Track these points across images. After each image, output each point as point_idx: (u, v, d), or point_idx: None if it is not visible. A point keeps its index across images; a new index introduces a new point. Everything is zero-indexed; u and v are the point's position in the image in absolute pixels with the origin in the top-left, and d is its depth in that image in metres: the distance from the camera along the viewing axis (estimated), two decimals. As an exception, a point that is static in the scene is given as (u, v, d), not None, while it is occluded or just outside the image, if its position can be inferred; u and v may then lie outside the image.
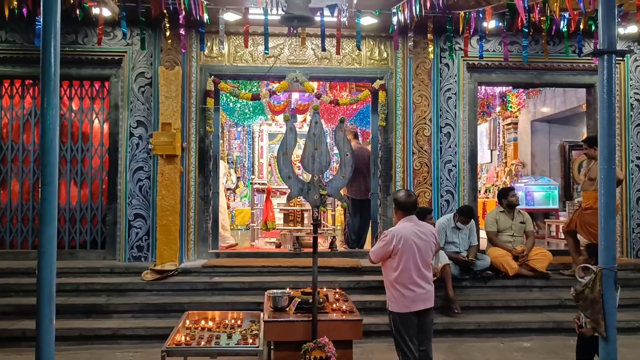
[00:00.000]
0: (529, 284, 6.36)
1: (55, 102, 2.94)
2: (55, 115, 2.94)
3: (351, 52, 7.23)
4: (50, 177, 2.97)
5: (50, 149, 2.95)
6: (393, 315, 3.76)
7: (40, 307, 2.94)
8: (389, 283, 3.78)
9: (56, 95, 2.93)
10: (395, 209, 3.81)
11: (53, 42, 2.80)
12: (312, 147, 3.43)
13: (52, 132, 2.94)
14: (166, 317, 5.73)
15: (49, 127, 2.94)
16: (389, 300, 3.80)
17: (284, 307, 3.73)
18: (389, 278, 3.76)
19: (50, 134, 2.94)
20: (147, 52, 6.85)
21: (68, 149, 7.14)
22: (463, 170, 7.15)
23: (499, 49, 7.19)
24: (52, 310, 2.93)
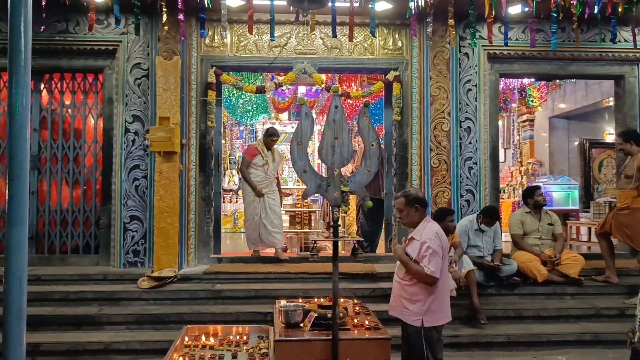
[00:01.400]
0: (559, 291, 5.84)
1: (26, 81, 2.45)
2: (25, 96, 2.44)
3: (363, 41, 6.73)
4: (19, 170, 2.46)
5: (19, 136, 2.45)
6: (429, 332, 3.34)
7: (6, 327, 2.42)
8: (430, 292, 3.37)
9: (27, 72, 2.45)
10: (417, 208, 3.46)
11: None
12: (332, 136, 2.91)
13: (21, 116, 2.45)
14: (164, 328, 5.22)
15: (18, 111, 2.45)
16: (426, 315, 3.36)
17: (298, 322, 3.21)
18: (431, 288, 3.39)
19: (19, 119, 2.44)
20: (143, 42, 6.35)
21: (59, 147, 6.64)
22: (484, 168, 6.63)
23: (522, 38, 6.68)
24: (22, 330, 2.42)
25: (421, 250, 3.32)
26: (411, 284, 3.39)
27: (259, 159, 6.67)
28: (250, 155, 6.72)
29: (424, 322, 3.35)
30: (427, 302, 3.36)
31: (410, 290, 3.40)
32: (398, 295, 3.49)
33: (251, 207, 6.63)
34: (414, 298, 3.38)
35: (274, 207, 6.67)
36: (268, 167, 6.67)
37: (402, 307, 3.43)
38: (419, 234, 3.43)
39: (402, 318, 3.44)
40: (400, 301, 3.45)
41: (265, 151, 6.72)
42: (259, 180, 6.61)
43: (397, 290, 3.51)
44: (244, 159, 6.77)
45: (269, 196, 6.64)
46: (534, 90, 9.24)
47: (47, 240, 6.57)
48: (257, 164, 6.66)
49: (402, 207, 3.46)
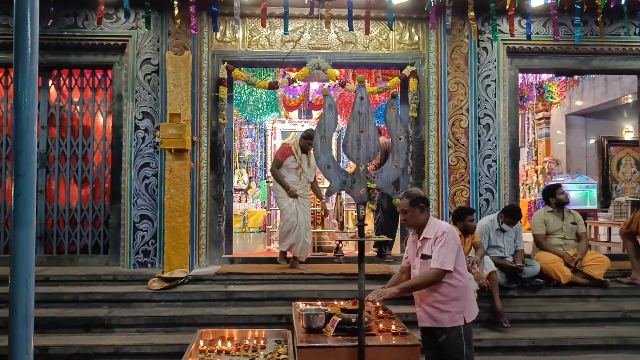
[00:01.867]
0: (584, 293, 5.63)
1: (33, 70, 2.29)
2: (32, 86, 2.29)
3: (378, 35, 6.54)
4: (25, 166, 2.31)
5: (26, 128, 2.29)
6: (466, 329, 3.24)
7: (13, 333, 2.26)
8: (460, 289, 3.26)
9: (34, 61, 2.28)
10: (422, 208, 3.32)
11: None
12: (357, 129, 2.73)
13: (28, 108, 2.29)
14: (175, 331, 5.06)
15: (24, 102, 2.29)
16: (465, 310, 3.27)
17: (320, 327, 3.03)
18: (463, 282, 3.28)
19: (25, 110, 2.29)
20: (153, 37, 6.19)
21: (67, 145, 6.49)
22: (504, 166, 6.42)
23: (542, 31, 6.47)
24: (29, 336, 2.27)
25: (435, 247, 3.20)
26: (445, 285, 3.22)
27: (292, 161, 6.11)
28: (283, 155, 6.15)
29: (465, 318, 3.24)
30: (465, 296, 3.26)
31: (444, 291, 3.22)
32: (428, 303, 3.28)
33: (290, 209, 6.03)
34: (451, 296, 3.22)
35: (307, 214, 6.20)
36: (301, 171, 6.12)
37: (438, 313, 3.24)
38: (431, 233, 3.29)
39: (441, 324, 3.24)
40: (434, 307, 3.26)
41: (300, 153, 6.15)
42: (290, 182, 6.06)
43: (425, 299, 3.30)
44: (276, 158, 6.24)
45: (302, 199, 6.11)
46: (554, 86, 9.00)
47: (55, 240, 6.43)
48: (290, 165, 6.11)
49: (406, 209, 3.28)
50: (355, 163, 2.74)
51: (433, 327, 3.27)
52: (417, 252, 3.38)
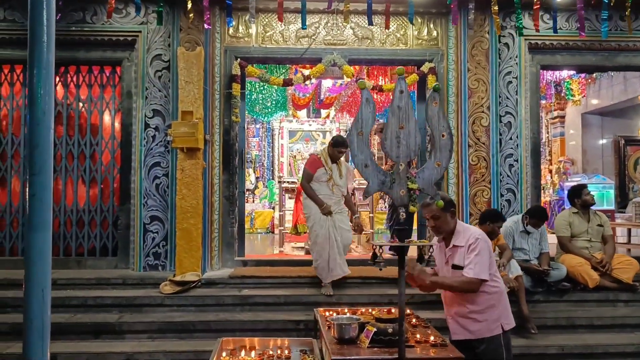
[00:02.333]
0: (612, 297, 5.42)
1: (50, 60, 2.10)
2: (47, 76, 2.10)
3: (396, 31, 6.33)
4: (41, 163, 2.13)
5: (42, 122, 2.12)
6: (505, 338, 3.08)
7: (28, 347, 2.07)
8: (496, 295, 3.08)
9: (50, 50, 2.10)
10: (453, 212, 3.17)
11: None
12: (397, 125, 2.53)
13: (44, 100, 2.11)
14: (189, 338, 4.85)
15: (40, 94, 2.12)
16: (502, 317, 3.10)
17: (353, 338, 2.83)
18: (499, 287, 3.11)
19: (41, 103, 2.11)
20: (164, 32, 5.99)
21: (75, 143, 6.29)
22: (526, 166, 6.21)
23: (565, 26, 6.25)
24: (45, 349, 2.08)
25: (466, 253, 3.02)
26: (476, 295, 3.03)
27: (323, 173, 5.45)
28: (313, 167, 5.49)
29: (503, 326, 3.06)
30: (500, 302, 3.08)
31: (479, 300, 3.03)
32: (462, 314, 3.09)
33: (323, 228, 5.32)
34: (487, 304, 3.04)
35: (347, 229, 5.53)
36: (333, 183, 5.45)
37: (473, 324, 3.04)
38: (462, 240, 3.09)
39: (478, 335, 3.04)
40: (469, 318, 3.06)
41: (330, 164, 5.49)
42: (322, 196, 5.41)
43: (459, 309, 3.10)
44: (305, 171, 5.56)
45: (338, 216, 5.44)
46: (574, 83, 8.78)
47: (62, 241, 6.24)
48: (321, 178, 5.45)
49: (438, 214, 3.06)
50: (394, 162, 2.53)
51: (471, 339, 3.07)
52: (446, 261, 3.18)
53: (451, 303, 3.14)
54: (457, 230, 3.14)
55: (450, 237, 3.14)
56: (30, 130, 2.02)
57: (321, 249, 5.31)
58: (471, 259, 2.97)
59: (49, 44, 2.10)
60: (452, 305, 3.16)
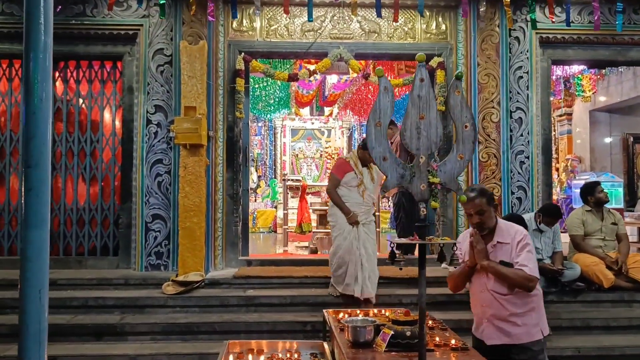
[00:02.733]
0: (627, 298, 5.27)
1: (47, 43, 1.96)
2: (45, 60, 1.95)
3: (403, 24, 6.18)
4: (38, 155, 1.97)
5: (38, 110, 1.96)
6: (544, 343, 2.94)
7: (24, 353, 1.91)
8: (536, 298, 2.90)
9: (49, 31, 1.96)
10: (495, 207, 3.00)
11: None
12: (417, 116, 2.37)
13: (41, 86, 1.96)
14: (193, 339, 4.71)
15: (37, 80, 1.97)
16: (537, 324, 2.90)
17: (369, 341, 2.67)
18: (540, 290, 2.93)
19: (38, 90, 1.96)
20: (166, 25, 5.84)
21: (75, 140, 6.14)
22: (537, 163, 6.06)
23: (578, 20, 6.10)
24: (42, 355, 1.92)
25: (516, 250, 2.82)
26: (520, 295, 2.84)
27: (352, 177, 5.00)
28: (341, 172, 5.04)
29: (542, 331, 2.88)
30: (540, 306, 2.89)
31: (521, 302, 2.83)
32: (502, 317, 2.86)
33: (346, 240, 4.93)
34: (528, 307, 2.84)
35: (372, 244, 5.11)
36: (364, 188, 5.01)
37: (512, 327, 2.85)
38: (506, 236, 2.89)
39: (516, 340, 2.84)
40: (509, 321, 2.85)
41: (360, 167, 5.05)
42: (352, 204, 4.98)
43: (499, 312, 2.87)
44: (332, 176, 5.11)
45: (364, 228, 5.02)
46: (585, 79, 8.62)
47: (62, 241, 6.08)
48: (350, 183, 5.00)
49: (484, 208, 2.86)
50: (414, 154, 2.38)
51: (506, 344, 2.87)
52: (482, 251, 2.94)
53: (489, 305, 2.89)
54: (498, 226, 2.93)
55: (492, 234, 2.92)
56: (27, 120, 1.87)
57: (341, 261, 4.95)
58: (524, 256, 2.79)
59: (46, 26, 1.96)
60: (489, 308, 2.91)
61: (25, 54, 1.89)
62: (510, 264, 2.80)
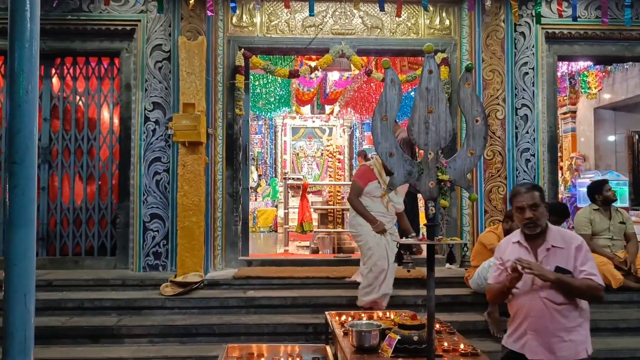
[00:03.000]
0: (637, 298, 5.14)
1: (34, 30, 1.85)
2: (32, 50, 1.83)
3: (407, 19, 6.06)
4: (24, 151, 1.86)
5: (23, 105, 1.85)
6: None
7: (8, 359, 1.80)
8: (586, 312, 2.63)
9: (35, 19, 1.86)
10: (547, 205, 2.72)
11: None
12: (425, 109, 2.26)
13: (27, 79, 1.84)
14: (192, 342, 4.59)
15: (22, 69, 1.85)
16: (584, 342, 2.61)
17: (374, 346, 2.56)
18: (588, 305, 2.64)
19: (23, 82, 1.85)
20: (164, 21, 5.71)
21: (72, 138, 6.02)
22: (543, 161, 5.94)
23: (584, 15, 5.97)
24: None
25: (579, 258, 2.55)
26: (573, 306, 2.57)
27: (376, 187, 4.61)
28: (364, 180, 4.66)
29: (587, 350, 2.62)
30: (587, 321, 2.62)
31: (572, 314, 2.57)
32: (551, 331, 2.57)
33: (379, 250, 4.55)
34: (577, 322, 2.58)
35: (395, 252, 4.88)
36: (387, 199, 4.67)
37: (560, 343, 2.56)
38: (560, 240, 2.62)
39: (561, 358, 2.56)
40: (557, 336, 2.56)
41: (384, 176, 4.63)
42: (376, 215, 4.61)
43: (548, 324, 2.57)
44: (355, 184, 4.73)
45: (390, 237, 4.66)
46: (592, 75, 8.49)
47: (58, 241, 5.96)
48: (373, 193, 4.62)
49: (539, 202, 2.60)
50: (422, 150, 2.27)
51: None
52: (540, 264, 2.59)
53: (538, 315, 2.58)
54: (549, 228, 2.66)
55: (542, 236, 2.64)
56: (11, 114, 1.76)
57: (379, 268, 4.54)
58: (590, 264, 2.55)
59: (32, 14, 1.84)
60: (538, 318, 2.59)
61: (10, 43, 1.78)
62: (568, 271, 2.54)
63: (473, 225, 5.84)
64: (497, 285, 2.72)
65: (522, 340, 2.65)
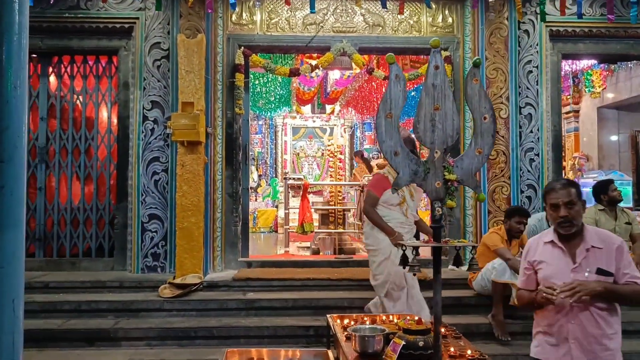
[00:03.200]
0: (644, 301, 5.04)
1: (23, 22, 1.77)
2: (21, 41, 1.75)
3: (409, 17, 5.98)
4: (12, 149, 1.78)
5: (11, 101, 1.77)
6: None
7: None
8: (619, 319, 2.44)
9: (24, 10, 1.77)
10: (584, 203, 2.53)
11: None
12: (431, 106, 2.17)
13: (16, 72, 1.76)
14: (190, 345, 4.51)
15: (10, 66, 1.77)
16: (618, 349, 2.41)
17: (378, 352, 2.47)
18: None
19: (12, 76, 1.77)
20: (163, 18, 5.63)
21: (69, 138, 5.94)
22: (547, 160, 5.85)
23: (589, 12, 5.89)
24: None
25: (621, 260, 2.35)
26: (614, 311, 2.38)
27: (393, 195, 4.24)
28: (380, 189, 4.32)
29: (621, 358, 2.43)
30: (620, 328, 2.42)
31: (612, 320, 2.38)
32: (596, 336, 2.35)
33: (392, 262, 4.15)
34: (614, 329, 2.39)
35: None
36: (406, 206, 4.36)
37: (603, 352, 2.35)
38: (595, 240, 2.40)
39: None
40: (601, 344, 2.35)
41: None
42: (395, 224, 4.27)
43: (592, 330, 2.35)
44: (370, 194, 4.39)
45: None
46: (596, 74, 8.39)
47: (56, 242, 5.87)
48: (390, 201, 4.29)
49: (575, 200, 2.37)
50: (428, 149, 2.18)
51: None
52: (575, 266, 2.39)
53: (580, 321, 2.36)
54: (585, 228, 2.45)
55: (579, 236, 2.43)
56: (0, 98, 1.67)
57: (396, 287, 4.22)
58: (633, 267, 2.37)
59: (21, 5, 1.75)
60: (580, 325, 2.37)
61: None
62: (610, 273, 2.34)
63: (476, 226, 5.76)
64: (526, 293, 2.52)
65: (562, 350, 2.41)
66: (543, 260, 2.45)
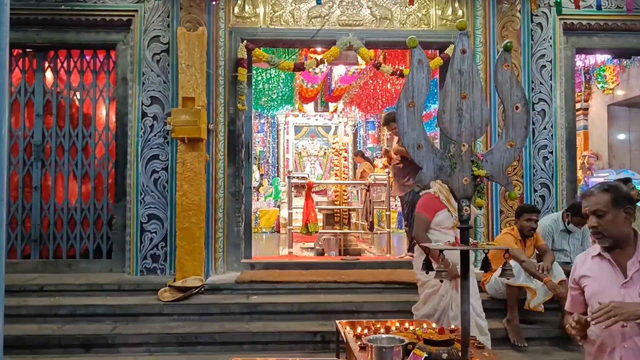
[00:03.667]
0: (664, 304, 4.84)
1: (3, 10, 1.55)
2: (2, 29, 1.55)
3: (417, 10, 5.77)
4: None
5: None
6: None
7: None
8: None
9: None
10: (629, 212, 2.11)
11: None
12: (458, 94, 1.96)
13: None
14: (191, 351, 4.31)
15: None
16: None
17: (397, 364, 2.26)
18: None
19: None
20: (163, 11, 5.43)
21: (66, 135, 5.73)
22: (561, 158, 5.65)
23: (604, 5, 5.66)
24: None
25: None
26: None
27: (446, 217, 3.77)
28: (431, 211, 3.80)
29: None
30: None
31: None
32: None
33: (443, 301, 3.73)
34: None
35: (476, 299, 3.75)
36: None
37: None
38: None
39: None
40: None
41: (454, 202, 3.44)
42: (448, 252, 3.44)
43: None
44: (420, 216, 3.82)
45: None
46: (609, 70, 8.18)
47: (52, 242, 5.66)
48: (443, 224, 3.77)
49: (605, 209, 2.06)
50: (455, 142, 1.97)
51: None
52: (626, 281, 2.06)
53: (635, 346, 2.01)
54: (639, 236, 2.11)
55: (629, 246, 2.11)
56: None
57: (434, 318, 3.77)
58: None
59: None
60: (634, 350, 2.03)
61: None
62: None
63: (488, 227, 5.55)
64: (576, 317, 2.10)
65: (614, 354, 2.06)
66: (589, 275, 2.15)
